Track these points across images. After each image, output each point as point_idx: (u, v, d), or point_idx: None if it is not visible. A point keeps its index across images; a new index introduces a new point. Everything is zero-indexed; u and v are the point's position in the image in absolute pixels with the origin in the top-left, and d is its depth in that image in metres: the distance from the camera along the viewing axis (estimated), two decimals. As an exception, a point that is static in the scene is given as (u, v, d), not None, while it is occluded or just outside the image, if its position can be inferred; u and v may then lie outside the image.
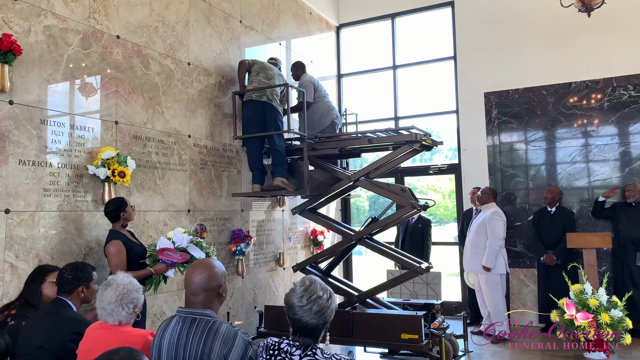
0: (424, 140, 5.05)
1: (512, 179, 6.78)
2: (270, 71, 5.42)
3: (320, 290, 1.98)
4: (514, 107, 6.79)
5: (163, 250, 3.67)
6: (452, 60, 7.36)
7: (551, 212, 6.19)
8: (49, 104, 3.72)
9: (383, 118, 7.85)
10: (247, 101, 5.25)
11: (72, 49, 3.90)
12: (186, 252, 3.72)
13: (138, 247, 3.82)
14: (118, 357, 1.39)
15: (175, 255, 3.67)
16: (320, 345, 1.99)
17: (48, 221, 3.65)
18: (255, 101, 5.19)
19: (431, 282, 5.84)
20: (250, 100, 5.22)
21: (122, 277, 2.40)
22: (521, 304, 6.52)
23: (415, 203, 4.92)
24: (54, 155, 3.73)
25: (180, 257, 3.69)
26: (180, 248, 3.73)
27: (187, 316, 2.11)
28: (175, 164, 4.80)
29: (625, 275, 5.72)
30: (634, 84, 6.20)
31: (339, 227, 5.67)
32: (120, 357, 1.39)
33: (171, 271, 3.76)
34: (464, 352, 5.18)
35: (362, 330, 4.79)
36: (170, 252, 3.67)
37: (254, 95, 5.20)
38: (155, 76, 4.64)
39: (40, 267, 3.19)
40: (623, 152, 6.24)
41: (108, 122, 4.16)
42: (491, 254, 5.72)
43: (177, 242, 3.76)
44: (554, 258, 5.95)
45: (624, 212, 5.90)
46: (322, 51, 7.71)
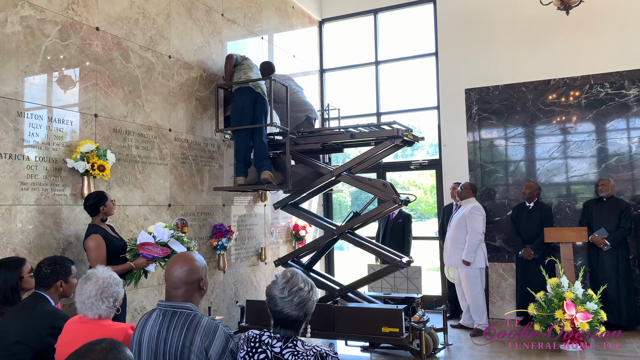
0: (405, 135, 5.09)
1: (491, 175, 6.87)
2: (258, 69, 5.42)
3: (302, 282, 2.00)
4: (494, 104, 6.88)
5: (144, 245, 3.65)
6: (433, 57, 7.42)
7: (529, 207, 6.29)
8: (26, 96, 3.65)
9: (365, 114, 7.88)
10: (243, 88, 5.19)
11: (50, 40, 3.83)
12: (167, 246, 3.70)
13: (118, 241, 3.78)
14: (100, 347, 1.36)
15: (156, 250, 3.65)
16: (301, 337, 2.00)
17: (25, 215, 3.59)
18: (251, 89, 5.16)
19: (411, 277, 5.89)
20: (247, 87, 5.17)
21: (101, 271, 2.38)
22: (500, 297, 6.63)
23: (397, 198, 4.96)
24: (31, 148, 3.67)
25: (161, 251, 3.67)
26: (161, 242, 3.71)
27: (167, 309, 2.10)
28: (156, 157, 4.76)
29: (599, 268, 5.85)
30: (611, 81, 6.33)
31: (321, 222, 5.68)
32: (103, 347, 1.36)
33: (152, 265, 3.74)
34: (443, 345, 5.25)
35: (343, 323, 4.82)
36: (150, 247, 3.65)
37: (250, 84, 5.18)
38: (136, 69, 4.59)
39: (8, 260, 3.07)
40: (600, 149, 6.37)
41: (87, 115, 4.11)
42: (470, 249, 5.80)
43: (158, 237, 3.74)
44: (531, 252, 6.05)
45: (596, 207, 6.03)
46: (304, 46, 7.70)
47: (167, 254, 3.68)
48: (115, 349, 1.37)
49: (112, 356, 1.35)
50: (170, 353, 2.00)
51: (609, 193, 5.96)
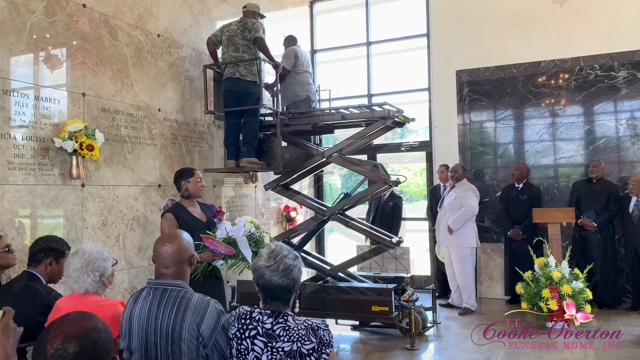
0: (396, 116, 5.09)
1: (481, 157, 6.91)
2: (237, 38, 5.06)
3: (286, 251, 2.03)
4: (485, 85, 6.88)
5: (208, 238, 3.36)
6: (425, 38, 7.38)
7: (518, 188, 6.35)
8: (12, 74, 3.59)
9: (356, 95, 7.85)
10: (226, 78, 5.13)
11: (35, 17, 3.76)
12: (234, 245, 3.38)
13: (197, 223, 3.56)
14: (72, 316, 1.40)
15: (220, 246, 3.34)
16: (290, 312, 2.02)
17: (13, 195, 3.55)
18: (229, 78, 5.08)
19: (400, 257, 5.95)
20: (227, 77, 5.10)
21: (90, 246, 2.37)
22: (488, 277, 6.72)
23: (387, 179, 4.97)
24: (18, 127, 3.62)
25: (226, 249, 3.35)
26: (228, 240, 3.42)
27: (157, 287, 2.10)
28: (145, 138, 4.72)
29: (586, 248, 5.94)
30: (600, 63, 6.35)
31: (312, 203, 5.70)
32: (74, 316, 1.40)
33: (219, 262, 3.46)
34: (432, 323, 5.32)
35: (334, 302, 4.88)
36: (215, 242, 3.35)
37: (228, 72, 5.08)
38: (124, 47, 4.52)
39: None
40: (588, 130, 6.42)
41: (75, 94, 4.05)
42: (460, 219, 5.83)
43: (231, 232, 3.45)
44: (520, 233, 6.13)
45: (585, 189, 6.10)
46: (295, 26, 7.61)
47: (233, 254, 3.36)
48: (86, 315, 1.42)
49: (87, 319, 1.38)
50: (162, 330, 2.01)
51: (598, 175, 6.02)
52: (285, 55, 5.85)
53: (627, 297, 5.95)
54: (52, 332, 1.33)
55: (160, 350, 2.01)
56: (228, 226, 3.53)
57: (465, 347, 4.62)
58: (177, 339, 1.99)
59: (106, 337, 1.37)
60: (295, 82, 5.78)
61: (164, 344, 2.00)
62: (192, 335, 1.98)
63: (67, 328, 1.33)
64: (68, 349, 1.28)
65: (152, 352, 2.02)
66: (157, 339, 2.02)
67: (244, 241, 3.42)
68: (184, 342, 1.98)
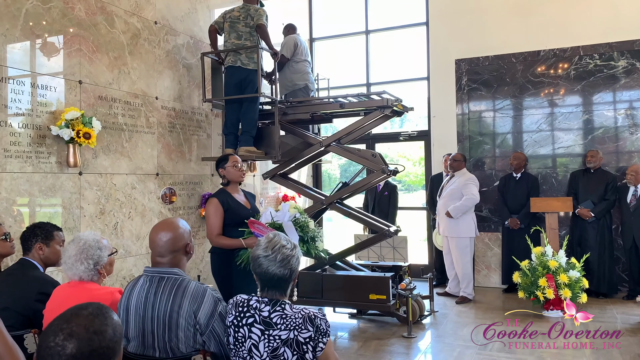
0: (395, 105, 5.07)
1: (479, 146, 6.90)
2: (239, 25, 5.03)
3: (284, 241, 2.02)
4: (484, 75, 6.85)
5: (253, 223, 3.28)
6: (424, 26, 7.33)
7: (516, 177, 6.35)
8: (8, 61, 3.56)
9: (355, 84, 7.82)
10: (227, 67, 5.09)
11: (30, 3, 3.72)
12: (281, 230, 3.27)
13: (242, 209, 3.51)
14: (87, 312, 1.33)
15: (266, 231, 3.19)
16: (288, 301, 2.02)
17: (10, 183, 3.54)
18: (231, 66, 5.05)
19: (398, 246, 5.96)
20: (229, 66, 5.06)
21: (88, 234, 2.36)
22: (485, 266, 6.75)
23: (386, 168, 4.97)
24: (14, 115, 3.60)
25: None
26: (275, 224, 3.36)
27: (154, 275, 2.10)
28: (143, 126, 4.70)
29: (583, 238, 5.96)
30: (600, 52, 6.32)
31: (310, 192, 5.69)
32: (89, 312, 1.33)
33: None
34: (429, 312, 5.35)
35: (332, 291, 4.90)
36: (260, 226, 3.27)
37: (230, 61, 5.05)
38: (121, 35, 4.49)
39: None
40: (586, 120, 6.41)
41: (71, 82, 4.03)
42: (461, 208, 5.81)
43: (276, 218, 3.40)
44: (517, 222, 6.14)
45: (583, 178, 6.10)
46: (293, 13, 7.55)
47: None
48: (102, 314, 1.34)
49: (99, 321, 1.31)
50: (159, 318, 2.01)
51: (596, 164, 6.02)
52: (284, 44, 5.82)
53: (623, 286, 5.99)
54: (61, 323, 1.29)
55: (157, 337, 2.01)
56: (273, 212, 3.47)
57: (461, 335, 4.65)
58: (174, 327, 1.99)
59: (109, 346, 1.30)
60: (294, 71, 5.76)
61: (161, 331, 2.01)
62: (189, 323, 1.98)
63: (74, 325, 1.28)
64: (66, 348, 1.24)
65: (149, 339, 2.02)
66: (154, 326, 2.02)
67: (290, 226, 3.37)
68: (180, 329, 1.99)
